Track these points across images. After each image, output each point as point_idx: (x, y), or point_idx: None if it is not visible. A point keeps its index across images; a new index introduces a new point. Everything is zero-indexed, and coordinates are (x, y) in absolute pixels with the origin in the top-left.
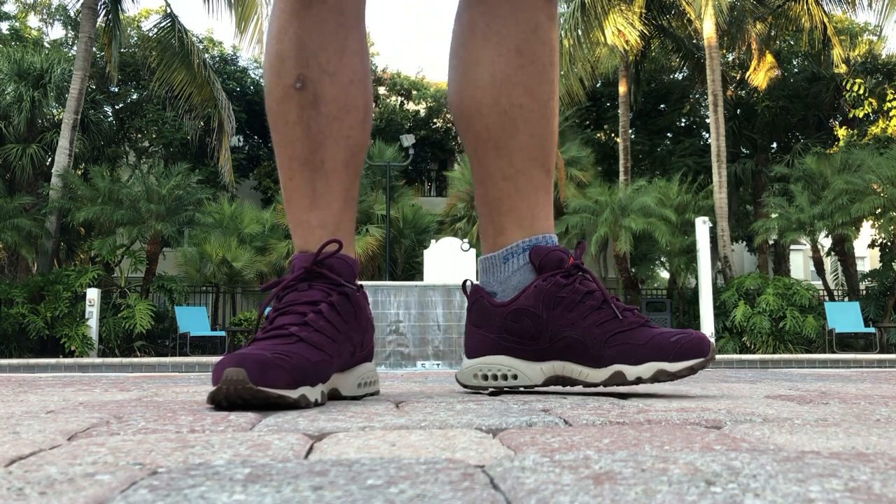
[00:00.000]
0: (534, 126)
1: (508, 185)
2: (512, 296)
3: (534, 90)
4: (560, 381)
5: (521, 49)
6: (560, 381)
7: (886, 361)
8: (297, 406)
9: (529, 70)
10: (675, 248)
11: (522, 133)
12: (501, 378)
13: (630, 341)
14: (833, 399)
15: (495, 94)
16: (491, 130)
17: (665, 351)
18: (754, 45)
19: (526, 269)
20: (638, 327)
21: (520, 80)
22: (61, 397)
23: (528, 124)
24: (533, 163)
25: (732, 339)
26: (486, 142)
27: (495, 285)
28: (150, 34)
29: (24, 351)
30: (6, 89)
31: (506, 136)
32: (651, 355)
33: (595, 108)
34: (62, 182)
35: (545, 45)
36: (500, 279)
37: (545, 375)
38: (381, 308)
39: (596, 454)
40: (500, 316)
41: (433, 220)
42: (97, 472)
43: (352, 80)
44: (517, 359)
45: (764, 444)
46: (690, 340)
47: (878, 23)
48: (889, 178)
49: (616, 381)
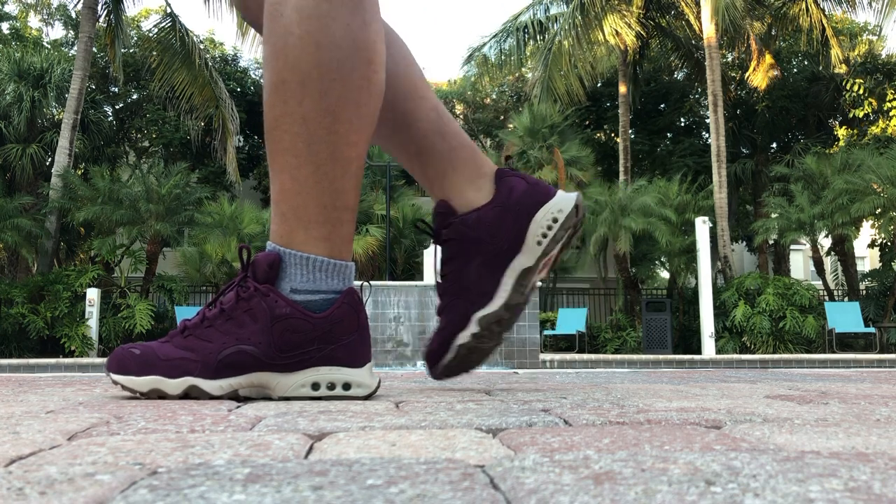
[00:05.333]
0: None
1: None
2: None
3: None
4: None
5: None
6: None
7: (886, 361)
8: (141, 393)
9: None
10: (675, 248)
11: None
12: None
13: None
14: (833, 399)
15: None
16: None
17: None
18: (754, 45)
19: None
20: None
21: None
22: (61, 397)
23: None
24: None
25: (732, 339)
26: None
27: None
28: (150, 34)
29: (24, 351)
30: (6, 89)
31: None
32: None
33: (595, 108)
34: (62, 182)
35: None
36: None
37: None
38: (380, 308)
39: (596, 454)
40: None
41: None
42: (97, 472)
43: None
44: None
45: (764, 444)
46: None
47: (877, 22)
48: (889, 178)
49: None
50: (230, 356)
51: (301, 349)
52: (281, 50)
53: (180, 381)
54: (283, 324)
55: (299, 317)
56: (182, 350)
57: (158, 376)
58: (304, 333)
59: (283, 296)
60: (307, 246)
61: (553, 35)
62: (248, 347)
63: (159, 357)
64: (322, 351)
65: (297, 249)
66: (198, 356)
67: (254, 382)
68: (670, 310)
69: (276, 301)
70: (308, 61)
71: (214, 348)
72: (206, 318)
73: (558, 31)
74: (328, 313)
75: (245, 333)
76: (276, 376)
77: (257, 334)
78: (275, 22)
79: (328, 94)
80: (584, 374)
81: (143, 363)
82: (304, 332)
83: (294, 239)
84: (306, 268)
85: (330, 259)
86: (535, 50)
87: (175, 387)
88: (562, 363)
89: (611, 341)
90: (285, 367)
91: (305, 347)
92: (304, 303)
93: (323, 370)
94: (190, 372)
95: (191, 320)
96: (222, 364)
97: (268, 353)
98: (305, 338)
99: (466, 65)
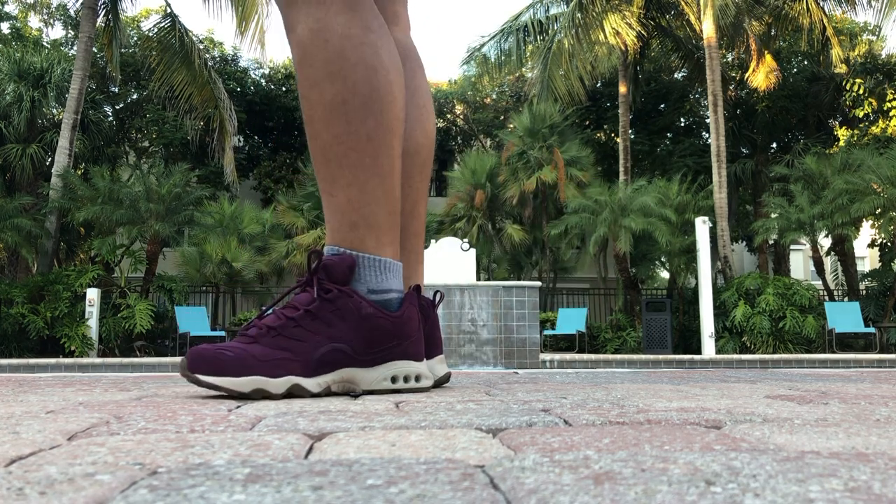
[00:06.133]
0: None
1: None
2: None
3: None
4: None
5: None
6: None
7: (886, 361)
8: (227, 392)
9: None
10: (675, 248)
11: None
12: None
13: None
14: (833, 399)
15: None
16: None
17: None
18: (753, 45)
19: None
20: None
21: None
22: (61, 397)
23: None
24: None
25: (732, 339)
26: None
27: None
28: (150, 34)
29: (24, 351)
30: (6, 89)
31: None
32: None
33: (595, 108)
34: (62, 182)
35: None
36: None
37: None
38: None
39: (596, 454)
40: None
41: (433, 219)
42: (97, 472)
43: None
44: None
45: (764, 444)
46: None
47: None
48: (889, 178)
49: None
50: (326, 354)
51: (384, 346)
52: (338, 73)
53: (284, 381)
54: (369, 322)
55: (382, 316)
56: (278, 350)
57: (260, 376)
58: (385, 331)
59: (364, 297)
60: (379, 250)
61: (553, 35)
62: (341, 345)
63: (256, 358)
64: (399, 346)
65: (370, 253)
66: (295, 356)
67: (344, 378)
68: (670, 310)
69: (361, 302)
70: (368, 84)
71: (310, 348)
72: (290, 318)
73: (558, 31)
74: (402, 312)
75: (336, 333)
76: (361, 371)
77: (348, 333)
78: (322, 48)
79: (384, 113)
80: (584, 374)
81: (240, 364)
82: (385, 330)
83: (367, 244)
84: (379, 269)
85: (395, 261)
86: (535, 50)
87: (279, 386)
88: (562, 363)
89: (611, 341)
90: (370, 362)
91: (386, 344)
92: (380, 302)
93: (399, 364)
94: (292, 371)
95: (268, 321)
96: (319, 362)
97: (357, 350)
98: (387, 335)
99: (466, 65)
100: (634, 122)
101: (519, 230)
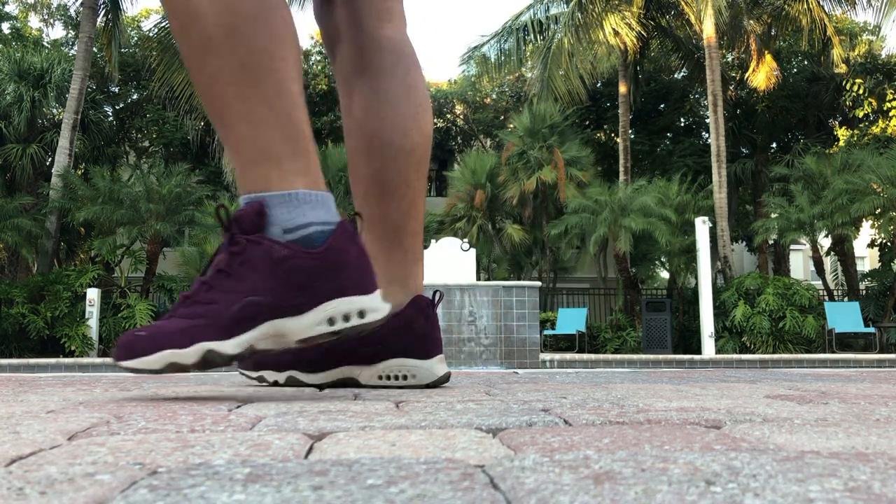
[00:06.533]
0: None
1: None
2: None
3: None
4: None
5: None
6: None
7: (886, 361)
8: (156, 371)
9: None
10: (674, 248)
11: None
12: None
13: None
14: (833, 399)
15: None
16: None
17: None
18: (754, 45)
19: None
20: None
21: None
22: (61, 397)
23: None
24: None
25: (732, 339)
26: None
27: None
28: (150, 34)
29: (24, 351)
30: (6, 89)
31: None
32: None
33: (595, 108)
34: (62, 182)
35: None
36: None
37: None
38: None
39: (596, 454)
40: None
41: (433, 219)
42: (97, 471)
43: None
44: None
45: (764, 444)
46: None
47: (877, 22)
48: (889, 178)
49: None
50: (241, 310)
51: (309, 287)
52: (196, 13)
53: (195, 349)
54: (286, 265)
55: (300, 255)
56: (188, 319)
57: (170, 350)
58: (308, 271)
59: (275, 239)
60: (285, 183)
61: (553, 34)
62: (257, 298)
63: (167, 331)
64: (330, 284)
65: (276, 190)
66: (208, 321)
67: (269, 332)
68: (670, 310)
69: (272, 246)
70: (229, 13)
71: (221, 308)
72: (204, 282)
73: (558, 31)
74: (327, 245)
75: (250, 286)
76: (290, 321)
77: (263, 282)
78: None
79: (257, 36)
80: (584, 374)
81: (151, 341)
82: (307, 270)
83: (271, 180)
84: (291, 204)
85: (311, 191)
86: (535, 50)
87: (190, 355)
88: (562, 363)
89: (611, 341)
90: (297, 308)
91: (313, 283)
92: (299, 240)
93: (334, 302)
94: (205, 337)
95: (189, 290)
96: (233, 321)
97: (279, 299)
98: (312, 274)
99: (465, 64)
100: (634, 122)
101: (519, 230)
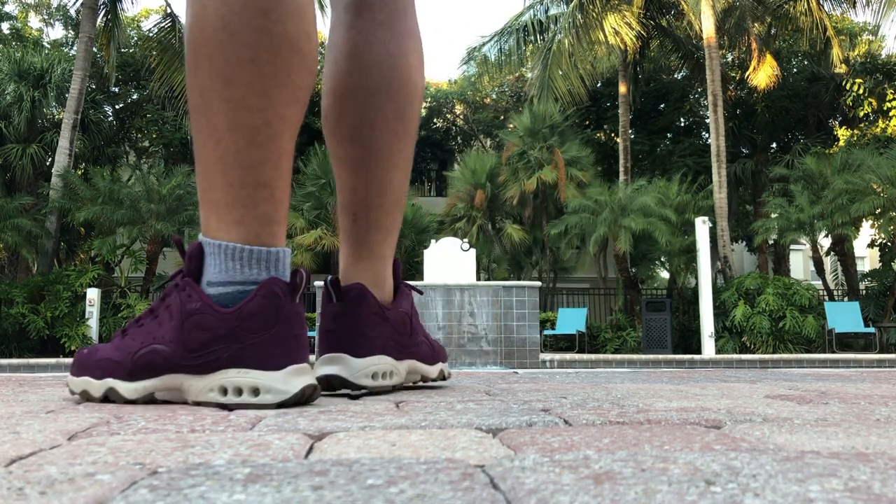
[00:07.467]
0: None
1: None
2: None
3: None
4: (412, 378)
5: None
6: (412, 378)
7: (886, 361)
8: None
9: None
10: (674, 248)
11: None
12: (389, 376)
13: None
14: (833, 399)
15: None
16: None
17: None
18: (754, 45)
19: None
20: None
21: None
22: (61, 397)
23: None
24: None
25: (732, 339)
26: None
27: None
28: (150, 34)
29: (24, 351)
30: (6, 89)
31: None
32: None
33: (595, 108)
34: (62, 182)
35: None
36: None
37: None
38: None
39: (596, 454)
40: (393, 317)
41: (433, 219)
42: (97, 471)
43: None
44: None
45: (764, 444)
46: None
47: (875, 22)
48: (889, 178)
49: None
50: (143, 356)
51: (208, 348)
52: (196, 15)
53: (101, 384)
54: (192, 320)
55: (208, 312)
56: (113, 350)
57: (87, 377)
58: (211, 330)
59: (198, 289)
60: (220, 232)
61: (553, 35)
62: (161, 347)
63: (94, 357)
64: (229, 350)
65: (211, 237)
66: (120, 356)
67: (168, 385)
68: (670, 310)
69: (190, 295)
70: (196, 26)
71: (134, 348)
72: (144, 314)
73: (558, 31)
74: (238, 307)
75: (161, 332)
76: (189, 378)
77: (170, 332)
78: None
79: (215, 57)
80: (584, 374)
81: (80, 364)
82: (211, 329)
83: (209, 226)
84: (220, 257)
85: (245, 245)
86: (535, 50)
87: (97, 388)
88: (562, 363)
89: (611, 341)
90: (197, 368)
91: (212, 346)
92: (217, 296)
93: (231, 373)
94: (112, 373)
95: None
96: (136, 366)
97: (176, 353)
98: (213, 335)
99: (465, 64)
100: (634, 122)
101: (519, 230)
